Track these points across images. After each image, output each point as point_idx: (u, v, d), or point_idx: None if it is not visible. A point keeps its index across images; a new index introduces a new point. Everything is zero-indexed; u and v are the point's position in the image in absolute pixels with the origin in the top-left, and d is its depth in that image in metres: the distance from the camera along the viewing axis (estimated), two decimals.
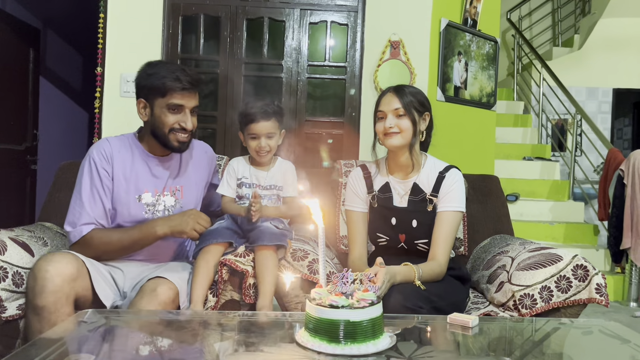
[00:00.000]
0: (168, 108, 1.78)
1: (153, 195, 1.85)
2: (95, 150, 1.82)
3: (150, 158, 1.88)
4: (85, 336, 1.27)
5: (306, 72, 3.31)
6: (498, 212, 2.38)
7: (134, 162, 1.85)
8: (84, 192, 1.77)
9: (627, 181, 3.80)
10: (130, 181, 1.83)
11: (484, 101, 3.84)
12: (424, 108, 1.86)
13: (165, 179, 1.89)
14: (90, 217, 1.75)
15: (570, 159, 5.00)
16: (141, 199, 1.84)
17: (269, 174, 1.99)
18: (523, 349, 1.33)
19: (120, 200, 1.81)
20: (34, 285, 1.51)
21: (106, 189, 1.79)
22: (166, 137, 1.80)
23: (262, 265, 1.77)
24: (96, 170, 1.79)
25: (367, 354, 1.12)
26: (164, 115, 1.79)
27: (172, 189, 1.90)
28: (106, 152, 1.82)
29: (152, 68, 1.81)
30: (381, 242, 1.92)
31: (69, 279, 1.54)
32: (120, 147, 1.85)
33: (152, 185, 1.86)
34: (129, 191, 1.82)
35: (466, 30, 3.64)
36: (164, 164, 1.89)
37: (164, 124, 1.79)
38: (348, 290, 1.20)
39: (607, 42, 6.18)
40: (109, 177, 1.80)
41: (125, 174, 1.83)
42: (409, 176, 1.90)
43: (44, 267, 1.52)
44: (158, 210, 1.86)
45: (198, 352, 1.22)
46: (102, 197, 1.78)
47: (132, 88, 3.09)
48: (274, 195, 1.98)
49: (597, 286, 1.69)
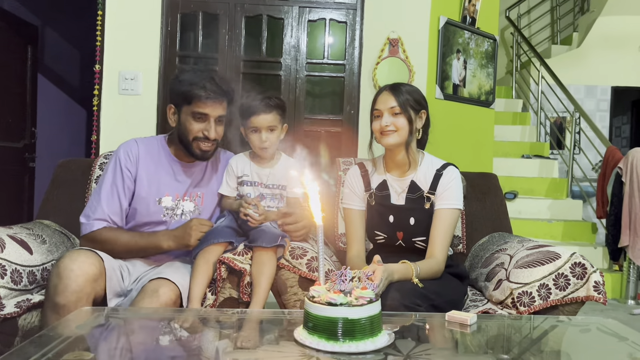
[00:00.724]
0: (193, 116, 1.80)
1: (173, 199, 1.88)
2: (123, 149, 1.86)
3: (176, 163, 1.90)
4: (84, 334, 1.27)
5: (305, 70, 3.31)
6: (496, 210, 2.38)
7: (159, 165, 1.88)
8: (104, 188, 1.81)
9: (625, 179, 3.80)
10: (153, 183, 1.86)
11: (483, 99, 3.84)
12: (420, 106, 1.86)
13: (187, 184, 1.91)
14: (104, 214, 1.78)
15: (568, 157, 5.00)
16: (161, 202, 1.86)
17: (272, 171, 1.95)
18: (521, 346, 1.33)
19: (140, 201, 1.84)
20: (57, 284, 1.52)
21: (126, 189, 1.83)
22: (190, 144, 1.82)
23: (258, 270, 1.76)
24: (120, 169, 1.83)
25: (365, 352, 1.12)
26: (189, 122, 1.80)
27: (192, 195, 1.91)
28: (132, 153, 1.85)
29: (183, 74, 1.83)
30: (379, 239, 1.93)
31: (92, 279, 1.55)
32: (148, 149, 1.89)
33: (174, 190, 1.88)
34: (150, 193, 1.85)
35: (465, 28, 3.64)
36: (188, 170, 1.92)
37: (188, 131, 1.81)
38: (346, 288, 1.20)
39: (605, 40, 6.19)
40: (131, 178, 1.84)
41: (148, 176, 1.85)
42: (406, 174, 1.90)
43: (69, 266, 1.53)
44: (176, 214, 1.88)
45: (197, 349, 1.23)
46: (121, 196, 1.81)
47: (130, 85, 3.13)
48: (277, 195, 1.95)
49: (595, 284, 1.69)
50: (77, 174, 2.22)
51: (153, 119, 3.15)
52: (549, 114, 5.97)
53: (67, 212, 2.15)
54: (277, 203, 1.95)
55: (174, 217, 1.88)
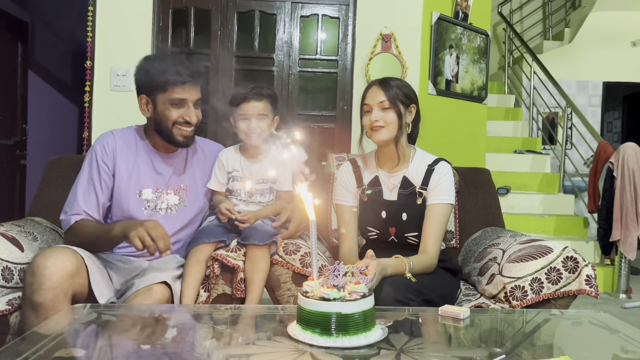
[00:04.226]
0: (171, 103, 1.76)
1: (154, 191, 1.84)
2: (99, 143, 1.82)
3: (154, 154, 1.86)
4: (76, 331, 1.26)
5: (297, 66, 3.30)
6: (489, 205, 2.39)
7: (137, 156, 1.84)
8: (80, 183, 1.78)
9: (616, 174, 3.83)
10: (132, 176, 1.82)
11: (475, 94, 3.85)
12: (410, 100, 1.86)
13: (168, 176, 1.87)
14: (80, 209, 1.75)
15: (560, 152, 5.03)
16: (142, 194, 1.82)
17: (262, 165, 1.93)
18: (514, 340, 1.34)
19: (120, 194, 1.80)
20: (32, 282, 1.49)
21: (103, 183, 1.79)
22: (170, 131, 1.78)
23: (252, 268, 1.75)
24: (96, 163, 1.79)
25: (358, 346, 1.12)
26: (167, 110, 1.76)
27: (175, 187, 1.88)
28: (109, 146, 1.81)
29: (151, 63, 1.78)
30: (371, 235, 1.93)
31: (68, 276, 1.51)
32: (125, 141, 1.84)
33: (153, 182, 1.85)
34: (130, 185, 1.81)
35: (457, 24, 3.64)
36: (167, 160, 1.88)
37: (167, 118, 1.77)
38: (340, 282, 1.20)
39: (597, 36, 6.21)
40: (109, 172, 1.80)
41: (127, 168, 1.82)
42: (398, 169, 1.90)
43: (42, 263, 1.49)
44: (161, 209, 1.85)
45: (190, 345, 1.22)
46: (97, 190, 1.78)
47: (122, 82, 3.11)
48: (266, 189, 1.93)
49: (587, 278, 1.70)
50: (69, 171, 2.20)
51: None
52: (541, 109, 5.99)
53: (59, 209, 2.11)
54: (268, 198, 1.94)
55: (159, 211, 1.83)
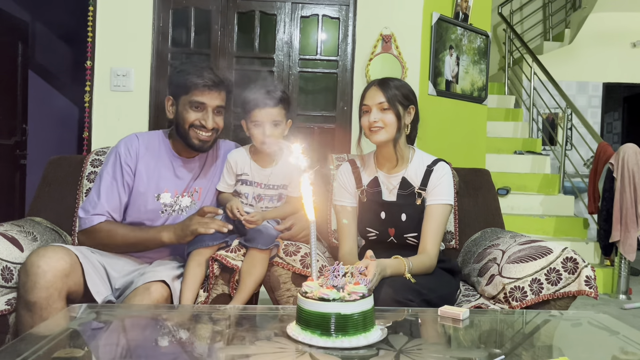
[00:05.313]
0: (190, 105, 1.78)
1: (172, 196, 1.86)
2: (123, 144, 1.85)
3: (176, 158, 1.89)
4: (75, 331, 1.26)
5: (298, 66, 3.30)
6: (489, 206, 2.39)
7: (160, 160, 1.87)
8: (104, 183, 1.81)
9: (616, 175, 3.83)
10: (152, 179, 1.84)
11: (475, 95, 3.85)
12: (409, 101, 1.85)
13: (187, 180, 1.89)
14: (104, 209, 1.78)
15: (560, 153, 5.03)
16: (160, 198, 1.85)
17: (273, 171, 1.88)
18: (513, 341, 1.34)
19: (138, 197, 1.83)
20: (25, 281, 1.49)
21: (125, 184, 1.82)
22: (187, 133, 1.80)
23: (248, 270, 1.73)
24: (119, 164, 1.82)
25: (358, 347, 1.12)
26: (186, 111, 1.79)
27: (190, 190, 1.90)
28: (133, 148, 1.84)
29: (181, 65, 1.84)
30: (371, 236, 1.93)
31: (62, 275, 1.52)
32: (148, 144, 1.87)
33: (173, 186, 1.87)
34: (149, 189, 1.83)
35: (457, 25, 3.64)
36: (188, 165, 1.90)
37: (185, 120, 1.79)
38: (339, 283, 1.20)
39: (597, 37, 6.22)
40: (131, 173, 1.82)
41: (148, 171, 1.84)
42: (397, 170, 1.90)
43: (35, 262, 1.50)
44: (174, 211, 1.87)
45: (189, 345, 1.22)
46: (120, 191, 1.81)
47: (122, 82, 3.11)
48: (276, 195, 1.91)
49: (587, 278, 1.70)
50: (69, 171, 2.21)
51: (145, 116, 3.13)
52: (541, 110, 5.99)
53: (58, 209, 2.14)
54: (276, 203, 1.92)
55: (172, 213, 1.86)
